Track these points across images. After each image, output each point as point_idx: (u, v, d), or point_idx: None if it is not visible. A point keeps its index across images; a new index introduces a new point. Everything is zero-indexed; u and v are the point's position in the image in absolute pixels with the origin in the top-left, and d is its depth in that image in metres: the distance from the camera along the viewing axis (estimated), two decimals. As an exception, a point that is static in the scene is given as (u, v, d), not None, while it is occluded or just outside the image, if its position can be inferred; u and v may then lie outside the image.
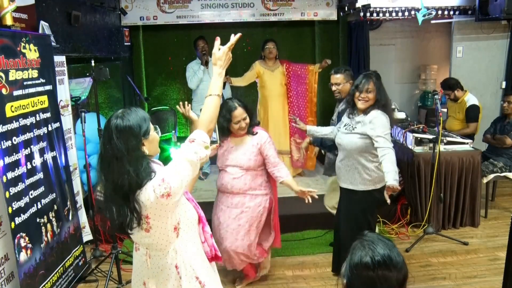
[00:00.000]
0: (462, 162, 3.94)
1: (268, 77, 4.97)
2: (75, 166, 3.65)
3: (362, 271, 1.23)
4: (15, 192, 2.51)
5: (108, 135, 1.61)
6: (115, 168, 1.59)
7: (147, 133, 1.67)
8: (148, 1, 5.46)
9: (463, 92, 4.75)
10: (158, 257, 1.75)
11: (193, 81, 5.00)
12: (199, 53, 5.04)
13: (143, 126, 1.65)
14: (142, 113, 1.69)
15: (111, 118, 1.65)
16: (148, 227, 1.66)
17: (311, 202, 2.83)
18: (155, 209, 1.62)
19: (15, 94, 2.58)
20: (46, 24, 3.22)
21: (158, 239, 1.69)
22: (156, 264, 1.76)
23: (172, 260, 1.73)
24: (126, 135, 1.60)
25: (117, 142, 1.59)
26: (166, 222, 1.67)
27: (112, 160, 1.60)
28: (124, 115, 1.64)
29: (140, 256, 1.81)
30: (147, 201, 1.60)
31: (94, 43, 4.44)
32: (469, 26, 5.34)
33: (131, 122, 1.62)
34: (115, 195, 1.62)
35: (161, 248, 1.72)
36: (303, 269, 3.47)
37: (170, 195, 1.60)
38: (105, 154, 1.62)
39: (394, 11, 5.06)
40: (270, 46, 4.88)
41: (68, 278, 3.09)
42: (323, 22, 5.93)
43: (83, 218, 3.71)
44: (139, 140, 1.63)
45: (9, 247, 2.55)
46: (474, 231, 4.05)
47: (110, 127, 1.62)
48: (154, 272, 1.77)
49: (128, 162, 1.58)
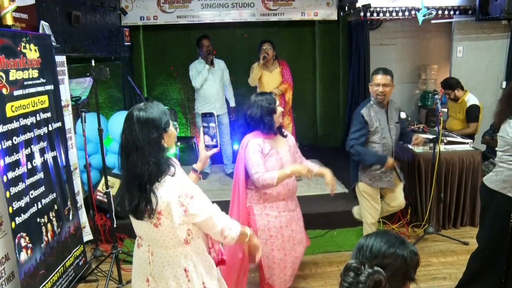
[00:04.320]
0: (462, 162, 3.94)
1: (266, 78, 4.86)
2: (75, 166, 3.65)
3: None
4: (15, 192, 2.51)
5: (129, 126, 1.64)
6: (134, 158, 1.62)
7: (167, 127, 1.71)
8: (148, 1, 5.46)
9: (463, 92, 4.75)
10: (161, 255, 1.77)
11: (197, 80, 4.89)
12: (202, 52, 4.95)
13: (164, 120, 1.69)
14: (162, 107, 1.73)
15: (133, 110, 1.68)
16: (158, 223, 1.68)
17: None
18: (170, 211, 1.66)
19: (15, 94, 2.58)
20: (46, 24, 3.22)
21: (166, 237, 1.72)
22: (158, 262, 1.78)
23: (181, 263, 1.77)
24: (148, 127, 1.63)
25: (139, 133, 1.62)
26: (175, 226, 1.70)
27: (132, 150, 1.63)
28: (147, 108, 1.67)
29: (142, 253, 1.82)
30: (165, 199, 1.64)
31: (94, 43, 4.44)
32: (469, 26, 5.34)
33: (154, 115, 1.65)
34: (131, 184, 1.65)
35: (166, 246, 1.75)
36: (303, 269, 3.47)
37: (186, 212, 1.68)
38: (125, 144, 1.65)
39: (394, 11, 5.06)
40: (266, 47, 4.74)
41: (69, 278, 3.09)
42: (323, 22, 5.95)
43: (84, 218, 3.71)
44: (160, 133, 1.67)
45: (10, 247, 2.55)
46: (474, 231, 4.02)
47: (132, 118, 1.65)
48: (156, 269, 1.79)
49: (150, 153, 1.62)
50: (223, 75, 5.09)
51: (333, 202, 4.34)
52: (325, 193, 4.68)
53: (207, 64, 4.91)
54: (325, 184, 2.80)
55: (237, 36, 6.23)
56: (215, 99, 4.98)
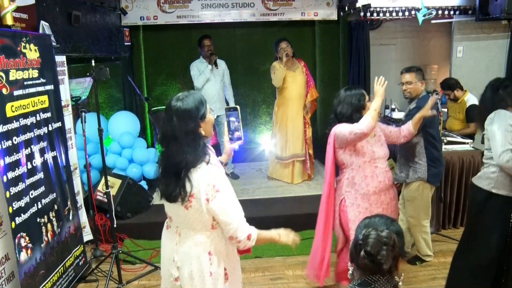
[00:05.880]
0: (462, 162, 3.94)
1: (291, 78, 4.74)
2: (75, 166, 3.65)
3: None
4: (15, 192, 2.51)
5: (169, 116, 1.75)
6: (173, 147, 1.73)
7: (204, 116, 1.79)
8: (148, 1, 5.46)
9: (463, 92, 4.75)
10: (189, 236, 1.86)
11: (199, 80, 4.87)
12: (204, 52, 4.94)
13: (201, 109, 1.77)
14: (199, 96, 1.81)
15: (172, 100, 1.77)
16: (189, 205, 1.77)
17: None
18: (200, 195, 1.74)
19: (15, 94, 2.58)
20: (46, 24, 3.22)
21: (195, 219, 1.81)
22: (185, 243, 1.87)
23: (206, 246, 1.85)
24: (185, 118, 1.73)
25: (177, 124, 1.72)
26: (204, 210, 1.78)
27: (170, 140, 1.74)
28: (184, 98, 1.76)
29: (170, 234, 1.93)
30: (197, 184, 1.73)
31: (94, 43, 4.44)
32: (469, 26, 5.34)
33: (190, 106, 1.74)
34: (168, 171, 1.76)
35: (194, 228, 1.84)
36: (304, 269, 3.46)
37: (209, 202, 1.75)
38: (165, 133, 1.76)
39: (395, 11, 5.06)
40: (283, 46, 4.65)
41: (69, 278, 3.09)
42: (323, 22, 5.94)
43: (84, 218, 3.72)
44: (197, 123, 1.75)
45: (10, 247, 2.55)
46: (474, 231, 4.05)
47: (170, 109, 1.75)
48: (182, 249, 1.87)
49: (187, 144, 1.72)
50: (223, 75, 5.09)
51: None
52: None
53: (210, 64, 4.90)
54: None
55: (237, 36, 6.23)
56: (216, 100, 4.98)
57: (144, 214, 4.21)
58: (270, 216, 4.00)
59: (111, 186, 3.89)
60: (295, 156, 4.95)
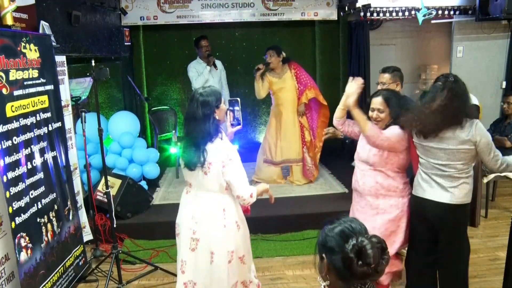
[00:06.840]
0: (462, 162, 3.93)
1: (278, 85, 4.70)
2: (75, 166, 3.65)
3: None
4: (15, 192, 2.51)
5: (192, 103, 2.31)
6: (193, 126, 2.30)
7: (219, 104, 2.33)
8: (148, 1, 5.46)
9: (463, 92, 4.74)
10: (206, 197, 2.37)
11: (198, 82, 4.84)
12: (201, 53, 4.94)
13: (218, 101, 2.32)
14: (216, 90, 2.37)
15: (195, 93, 2.33)
16: (207, 171, 2.31)
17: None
18: (216, 162, 2.28)
19: (15, 94, 2.58)
20: (46, 24, 3.22)
21: (212, 182, 2.33)
22: (203, 202, 2.38)
23: (220, 204, 2.37)
24: (205, 105, 2.28)
25: (197, 110, 2.27)
26: (220, 174, 2.31)
27: (192, 120, 2.30)
28: (204, 93, 2.31)
29: (191, 197, 2.43)
30: (214, 153, 2.27)
31: (94, 43, 4.44)
32: (469, 26, 5.34)
33: (209, 98, 2.29)
34: (190, 144, 2.33)
35: (211, 190, 2.35)
36: (304, 269, 3.47)
37: (224, 167, 2.30)
38: (188, 115, 2.33)
39: (395, 11, 5.06)
40: (269, 55, 4.61)
41: (69, 278, 3.09)
42: (323, 22, 5.95)
43: (84, 218, 3.72)
44: (213, 110, 2.30)
45: (10, 247, 2.55)
46: (474, 231, 4.04)
47: (193, 99, 2.31)
48: (200, 208, 2.38)
49: (204, 123, 2.27)
50: (221, 76, 5.09)
51: (333, 202, 4.35)
52: (325, 193, 4.70)
53: (208, 65, 4.89)
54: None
55: (237, 36, 6.23)
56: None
57: (144, 214, 4.21)
58: (270, 216, 3.99)
59: (111, 186, 3.89)
60: (287, 161, 4.89)
